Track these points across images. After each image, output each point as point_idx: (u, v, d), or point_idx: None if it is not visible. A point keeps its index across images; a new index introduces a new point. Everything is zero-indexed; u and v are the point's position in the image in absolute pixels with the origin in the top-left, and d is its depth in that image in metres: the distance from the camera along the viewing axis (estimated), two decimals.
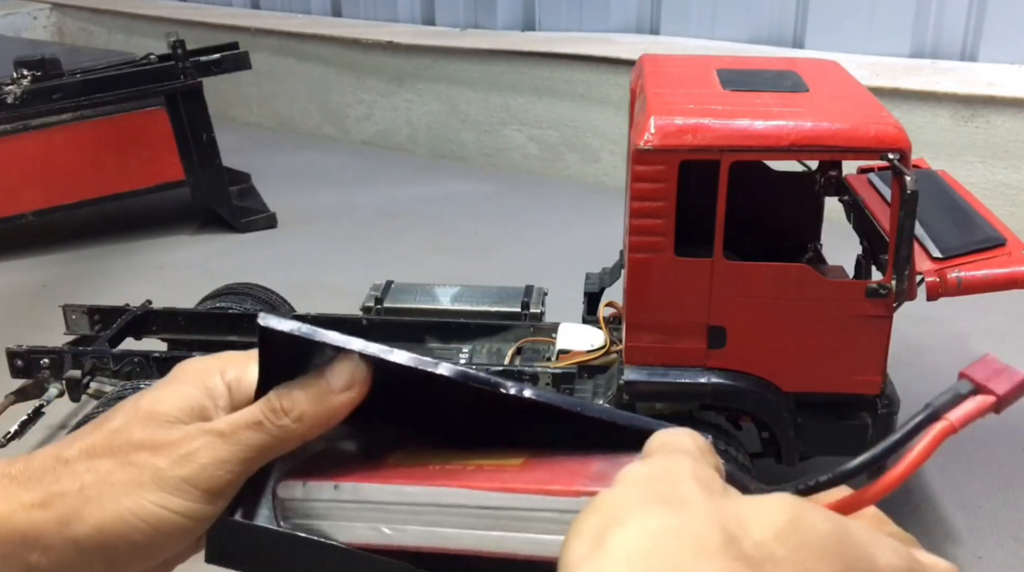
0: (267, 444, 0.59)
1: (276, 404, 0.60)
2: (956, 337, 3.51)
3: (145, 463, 0.57)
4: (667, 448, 0.53)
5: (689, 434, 0.55)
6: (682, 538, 0.43)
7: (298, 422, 0.59)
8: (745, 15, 5.05)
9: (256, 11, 7.03)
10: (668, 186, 2.09)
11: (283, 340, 0.59)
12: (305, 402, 0.60)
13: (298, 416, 0.60)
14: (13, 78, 4.22)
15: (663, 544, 0.43)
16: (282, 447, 0.60)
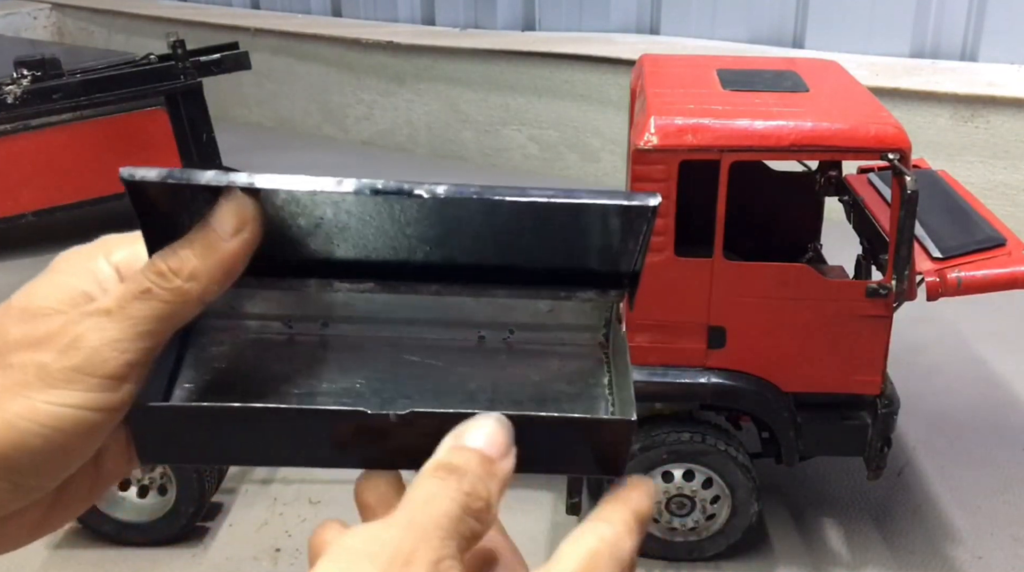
0: (162, 313, 0.51)
1: (162, 266, 0.52)
2: (956, 337, 3.51)
3: (27, 361, 0.50)
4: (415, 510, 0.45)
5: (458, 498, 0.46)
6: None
7: (192, 281, 0.51)
8: (745, 15, 5.05)
9: (256, 11, 7.03)
10: (668, 186, 2.09)
11: (157, 194, 0.52)
12: (194, 258, 0.52)
13: (189, 274, 0.51)
14: (13, 78, 4.22)
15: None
16: (182, 313, 0.52)
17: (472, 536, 0.46)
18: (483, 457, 0.48)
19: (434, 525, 0.44)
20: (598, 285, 0.58)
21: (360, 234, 0.54)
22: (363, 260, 0.55)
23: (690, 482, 2.34)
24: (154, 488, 2.55)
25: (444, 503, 0.45)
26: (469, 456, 0.47)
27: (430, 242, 0.54)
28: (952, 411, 3.08)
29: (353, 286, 0.57)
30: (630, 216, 0.57)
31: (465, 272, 0.56)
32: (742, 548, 2.46)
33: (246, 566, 2.50)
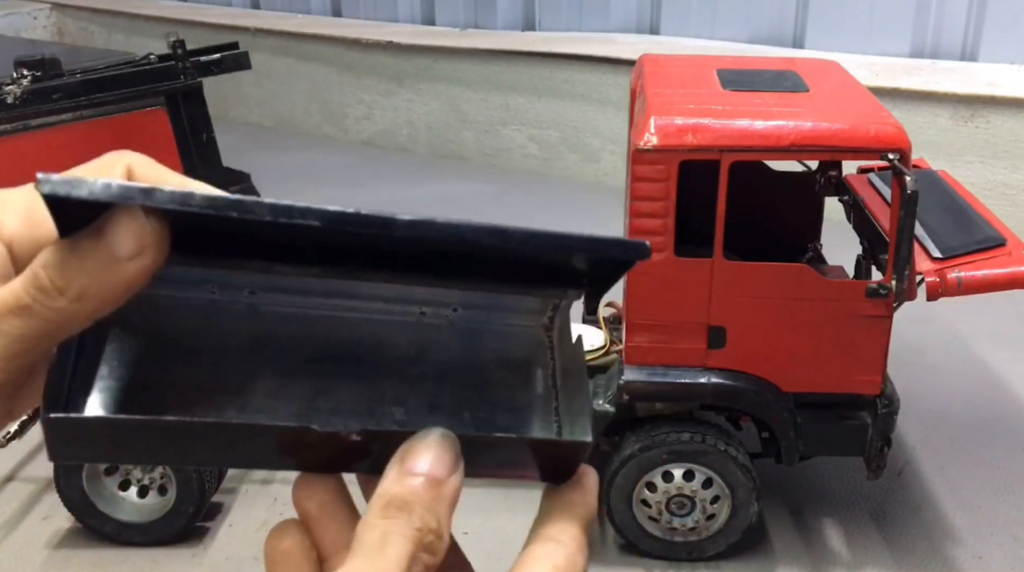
0: (41, 331, 0.45)
1: (45, 280, 0.44)
2: (956, 337, 3.51)
3: None
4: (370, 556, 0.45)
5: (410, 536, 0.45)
6: None
7: (79, 302, 0.45)
8: (745, 15, 5.05)
9: (256, 11, 7.03)
10: (668, 186, 2.09)
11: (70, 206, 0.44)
12: (84, 275, 0.45)
13: (77, 294, 0.45)
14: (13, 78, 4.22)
15: None
16: (64, 331, 0.46)
17: (427, 568, 0.46)
18: (429, 481, 0.47)
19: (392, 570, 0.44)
20: (558, 284, 0.55)
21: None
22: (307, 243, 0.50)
23: (690, 482, 2.34)
24: (154, 488, 2.55)
25: (397, 545, 0.45)
26: (415, 485, 0.46)
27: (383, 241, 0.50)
28: (952, 411, 3.07)
29: (297, 271, 0.52)
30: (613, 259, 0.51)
31: (418, 260, 0.52)
32: (742, 548, 2.46)
33: (246, 566, 2.50)
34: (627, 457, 2.32)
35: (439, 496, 0.47)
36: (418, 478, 0.47)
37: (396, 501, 0.46)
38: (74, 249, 0.45)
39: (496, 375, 0.56)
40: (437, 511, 0.46)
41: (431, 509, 0.46)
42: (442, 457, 0.48)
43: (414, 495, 0.46)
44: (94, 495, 2.51)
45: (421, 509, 0.46)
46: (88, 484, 2.49)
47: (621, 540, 2.48)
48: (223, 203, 0.45)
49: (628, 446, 2.34)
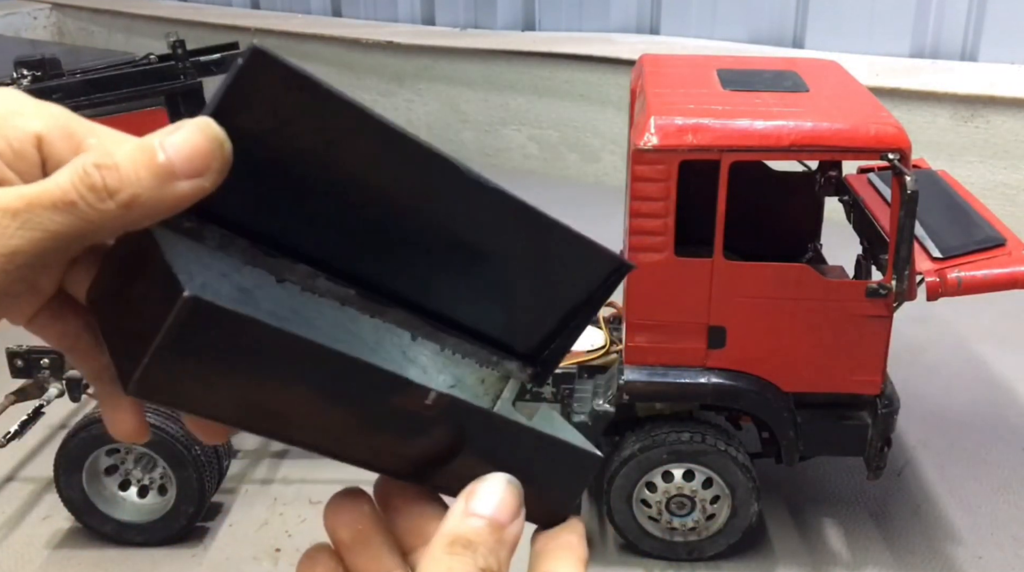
0: (78, 231, 0.42)
1: (98, 180, 0.41)
2: (956, 337, 3.51)
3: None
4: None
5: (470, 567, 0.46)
6: None
7: (125, 209, 0.42)
8: (745, 15, 5.05)
9: (256, 11, 7.03)
10: (668, 186, 2.09)
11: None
12: (136, 183, 0.42)
13: (127, 201, 0.42)
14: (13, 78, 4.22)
15: None
16: (100, 235, 0.43)
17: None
18: (494, 525, 0.48)
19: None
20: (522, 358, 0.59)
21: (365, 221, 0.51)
22: (352, 261, 0.52)
23: (690, 482, 2.34)
24: (154, 488, 2.55)
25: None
26: (480, 526, 0.48)
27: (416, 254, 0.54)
28: (952, 411, 3.07)
29: (335, 288, 0.53)
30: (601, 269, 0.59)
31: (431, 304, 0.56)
32: (742, 548, 2.46)
33: (246, 566, 2.50)
34: (627, 457, 2.33)
35: (502, 540, 0.48)
36: (483, 520, 0.48)
37: (461, 540, 0.47)
38: (132, 147, 0.42)
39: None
40: (499, 554, 0.48)
41: (494, 551, 0.47)
42: (507, 502, 0.49)
43: (479, 536, 0.47)
44: (94, 495, 2.51)
45: (484, 550, 0.47)
46: (88, 484, 2.49)
47: (621, 540, 2.48)
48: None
49: (628, 446, 2.34)
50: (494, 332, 0.58)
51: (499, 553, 0.47)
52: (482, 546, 0.47)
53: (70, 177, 0.42)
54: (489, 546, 0.47)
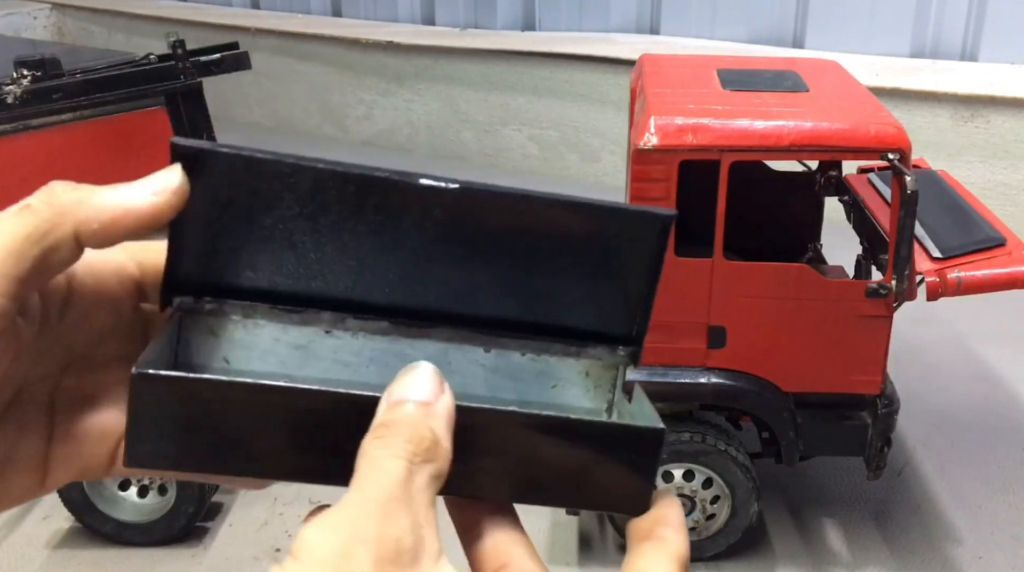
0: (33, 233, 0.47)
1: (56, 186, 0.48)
2: (956, 337, 3.51)
3: None
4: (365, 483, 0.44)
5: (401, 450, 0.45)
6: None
7: (77, 206, 0.48)
8: (745, 15, 5.05)
9: (256, 11, 7.03)
10: (668, 186, 2.09)
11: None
12: (91, 193, 0.48)
13: (76, 200, 0.48)
14: (13, 78, 4.22)
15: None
16: (53, 243, 0.47)
17: (432, 480, 0.45)
18: (417, 404, 0.46)
19: (386, 495, 0.43)
20: (606, 341, 0.57)
21: (370, 256, 0.52)
22: (374, 294, 0.53)
23: (690, 482, 2.34)
24: (154, 488, 2.55)
25: (388, 464, 0.44)
26: (401, 407, 0.46)
27: (444, 269, 0.53)
28: (952, 411, 3.07)
29: (366, 325, 0.54)
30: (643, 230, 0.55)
31: (476, 315, 0.54)
32: (742, 548, 2.46)
33: (246, 566, 2.50)
34: None
35: (429, 413, 0.46)
36: (405, 404, 0.46)
37: (383, 424, 0.46)
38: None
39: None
40: (429, 424, 0.46)
41: (421, 422, 0.46)
42: (425, 381, 0.47)
43: (399, 414, 0.46)
44: (94, 495, 2.51)
45: (410, 423, 0.46)
46: (88, 484, 2.49)
47: (621, 540, 2.48)
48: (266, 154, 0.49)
49: None
50: (562, 322, 0.56)
51: (429, 424, 0.46)
52: (404, 423, 0.46)
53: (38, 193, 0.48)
54: (415, 420, 0.46)
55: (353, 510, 0.43)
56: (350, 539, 0.42)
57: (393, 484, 0.43)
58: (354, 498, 0.43)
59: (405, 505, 0.43)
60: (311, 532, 0.43)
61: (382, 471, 0.44)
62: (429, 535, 0.43)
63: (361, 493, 0.43)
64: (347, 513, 0.43)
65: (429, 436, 0.45)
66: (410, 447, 0.45)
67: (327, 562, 0.41)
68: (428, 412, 0.46)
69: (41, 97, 4.20)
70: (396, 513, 0.43)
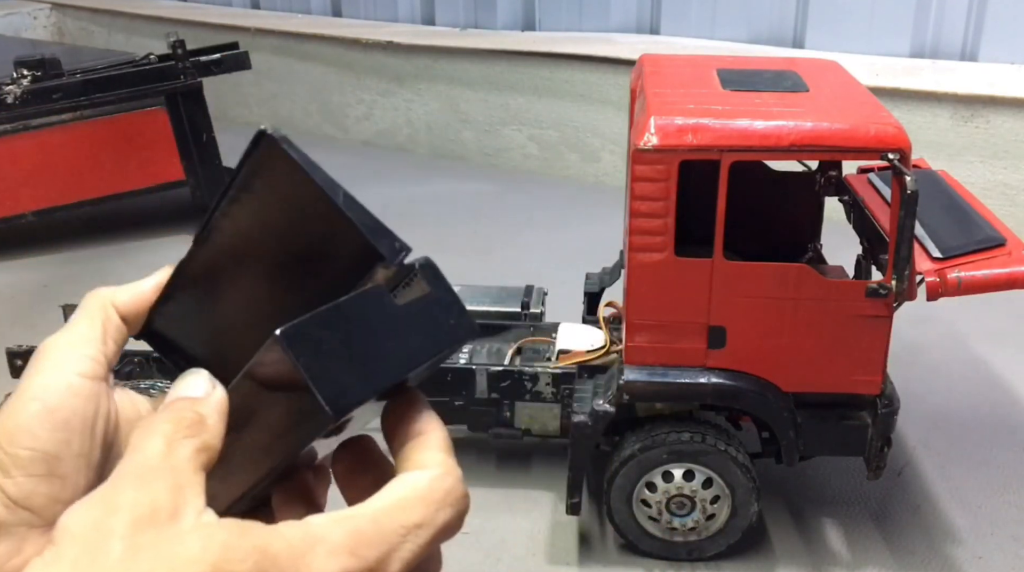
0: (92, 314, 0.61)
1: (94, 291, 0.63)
2: (956, 337, 3.51)
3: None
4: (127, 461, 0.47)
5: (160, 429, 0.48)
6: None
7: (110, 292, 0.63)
8: (745, 15, 5.05)
9: (256, 11, 7.03)
10: (668, 186, 2.09)
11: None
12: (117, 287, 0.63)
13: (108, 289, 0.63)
14: (13, 78, 4.22)
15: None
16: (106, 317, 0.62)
17: (198, 452, 0.48)
18: (186, 398, 0.51)
19: (141, 468, 0.46)
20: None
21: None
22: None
23: (690, 482, 2.34)
24: None
25: (148, 443, 0.47)
26: (173, 403, 0.51)
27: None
28: (952, 411, 3.08)
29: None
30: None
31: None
32: (742, 548, 2.46)
33: None
34: (627, 457, 2.33)
35: (196, 402, 0.51)
36: (176, 401, 0.51)
37: (150, 414, 0.51)
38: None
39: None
40: (195, 409, 0.50)
41: (184, 408, 0.50)
42: (195, 382, 0.52)
43: (169, 407, 0.51)
44: None
45: (172, 412, 0.50)
46: None
47: (621, 540, 2.48)
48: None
49: (628, 446, 2.34)
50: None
51: (195, 409, 0.50)
52: (170, 411, 0.50)
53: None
54: (180, 408, 0.50)
55: (109, 486, 0.46)
56: (103, 512, 0.45)
57: (149, 458, 0.47)
58: (112, 478, 0.47)
59: (163, 472, 0.46)
60: (68, 516, 0.46)
61: (139, 450, 0.47)
62: (192, 494, 0.46)
63: (118, 471, 0.47)
64: (103, 490, 0.46)
65: (190, 416, 0.49)
66: (168, 426, 0.48)
67: (81, 537, 0.44)
68: (196, 402, 0.51)
69: (41, 97, 4.20)
70: (151, 480, 0.46)
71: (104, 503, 0.45)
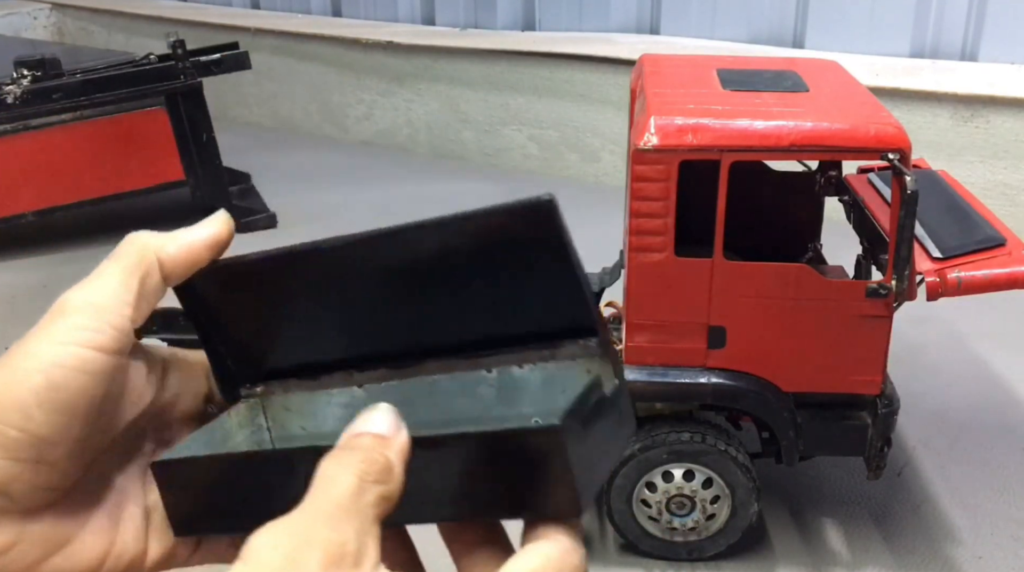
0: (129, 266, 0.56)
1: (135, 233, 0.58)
2: (956, 337, 3.51)
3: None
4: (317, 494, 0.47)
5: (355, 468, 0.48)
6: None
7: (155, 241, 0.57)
8: (745, 15, 5.05)
9: (256, 11, 7.03)
10: (668, 186, 2.09)
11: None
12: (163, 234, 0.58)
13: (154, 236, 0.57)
14: (13, 78, 4.22)
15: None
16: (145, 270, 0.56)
17: (381, 500, 0.47)
18: (374, 436, 0.50)
19: (334, 505, 0.46)
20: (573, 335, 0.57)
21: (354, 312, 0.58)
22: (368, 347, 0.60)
23: (690, 482, 2.34)
24: None
25: (340, 478, 0.47)
26: (360, 437, 0.50)
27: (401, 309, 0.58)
28: (952, 411, 3.08)
29: (369, 375, 0.61)
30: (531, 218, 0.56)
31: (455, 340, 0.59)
32: (742, 548, 2.46)
33: None
34: (627, 457, 2.33)
35: (385, 444, 0.50)
36: (363, 436, 0.50)
37: (342, 447, 0.50)
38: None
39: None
40: (384, 452, 0.49)
41: (376, 450, 0.49)
42: (383, 419, 0.51)
43: (359, 442, 0.50)
44: None
45: (367, 451, 0.49)
46: None
47: (621, 540, 2.48)
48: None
49: (628, 446, 2.34)
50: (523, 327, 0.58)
51: (384, 452, 0.49)
52: (360, 448, 0.49)
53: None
54: (372, 448, 0.49)
55: (304, 517, 0.46)
56: (299, 544, 0.44)
57: (343, 495, 0.46)
58: (306, 508, 0.46)
59: (353, 515, 0.46)
60: (260, 538, 0.45)
61: (334, 483, 0.47)
62: (371, 543, 0.46)
63: (313, 503, 0.46)
64: (298, 520, 0.45)
65: (382, 460, 0.49)
66: (363, 466, 0.48)
67: (275, 565, 0.43)
68: (384, 443, 0.50)
69: (41, 97, 4.20)
70: (344, 521, 0.46)
71: (299, 536, 0.45)
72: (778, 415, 2.30)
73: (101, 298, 0.53)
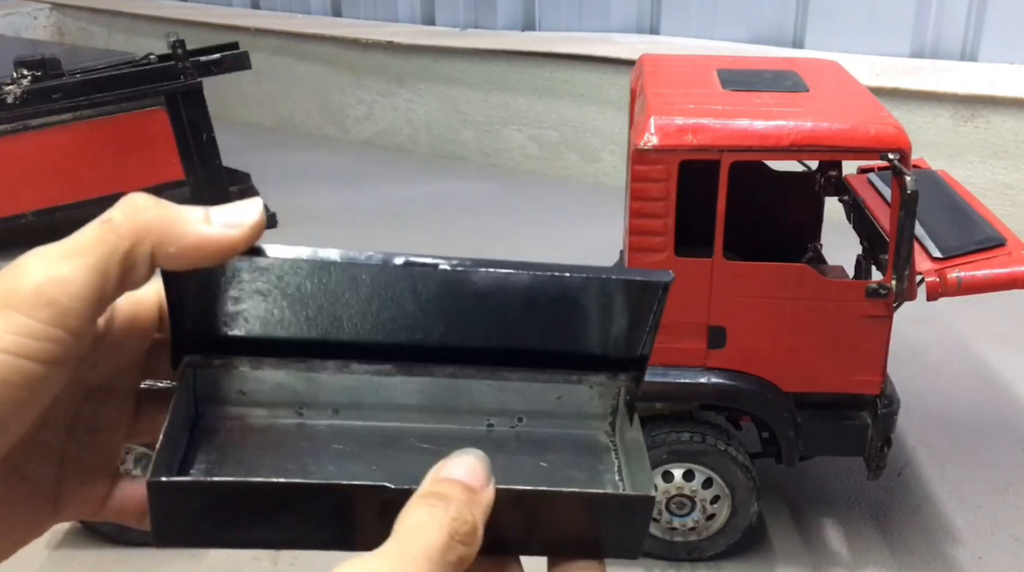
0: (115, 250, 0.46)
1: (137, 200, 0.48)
2: (956, 337, 3.51)
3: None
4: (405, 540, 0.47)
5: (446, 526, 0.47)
6: None
7: (158, 224, 0.48)
8: (745, 15, 5.05)
9: (256, 11, 7.03)
10: (668, 186, 2.09)
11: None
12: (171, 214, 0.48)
13: (157, 218, 0.48)
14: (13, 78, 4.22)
15: None
16: (133, 261, 0.47)
17: (460, 561, 0.47)
18: (465, 487, 0.49)
19: (424, 556, 0.46)
20: (607, 369, 0.59)
21: (377, 313, 0.55)
22: (379, 342, 0.57)
23: (690, 482, 2.34)
24: None
25: (432, 531, 0.47)
26: (452, 485, 0.49)
27: (445, 320, 0.56)
28: (952, 411, 3.08)
29: (371, 368, 0.58)
30: (642, 292, 0.56)
31: (478, 354, 0.58)
32: (742, 548, 2.46)
33: (246, 566, 2.50)
34: None
35: (475, 499, 0.49)
36: (455, 482, 0.49)
37: (435, 494, 0.48)
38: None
39: (565, 477, 0.60)
40: (472, 509, 0.49)
41: (467, 505, 0.48)
42: (477, 469, 0.50)
43: (451, 491, 0.49)
44: None
45: (457, 502, 0.48)
46: None
47: None
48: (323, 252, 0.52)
49: None
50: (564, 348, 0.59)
51: (472, 509, 0.48)
52: (455, 501, 0.48)
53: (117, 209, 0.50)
54: (462, 501, 0.48)
55: (395, 562, 0.46)
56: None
57: (433, 548, 0.46)
58: (394, 551, 0.46)
59: (437, 569, 0.46)
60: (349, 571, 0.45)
61: (427, 534, 0.47)
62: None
63: (402, 547, 0.46)
64: (389, 563, 0.45)
65: (471, 522, 0.48)
66: (455, 524, 0.47)
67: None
68: (474, 499, 0.49)
69: (41, 97, 4.20)
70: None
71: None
72: (778, 415, 2.30)
73: (63, 289, 0.43)
